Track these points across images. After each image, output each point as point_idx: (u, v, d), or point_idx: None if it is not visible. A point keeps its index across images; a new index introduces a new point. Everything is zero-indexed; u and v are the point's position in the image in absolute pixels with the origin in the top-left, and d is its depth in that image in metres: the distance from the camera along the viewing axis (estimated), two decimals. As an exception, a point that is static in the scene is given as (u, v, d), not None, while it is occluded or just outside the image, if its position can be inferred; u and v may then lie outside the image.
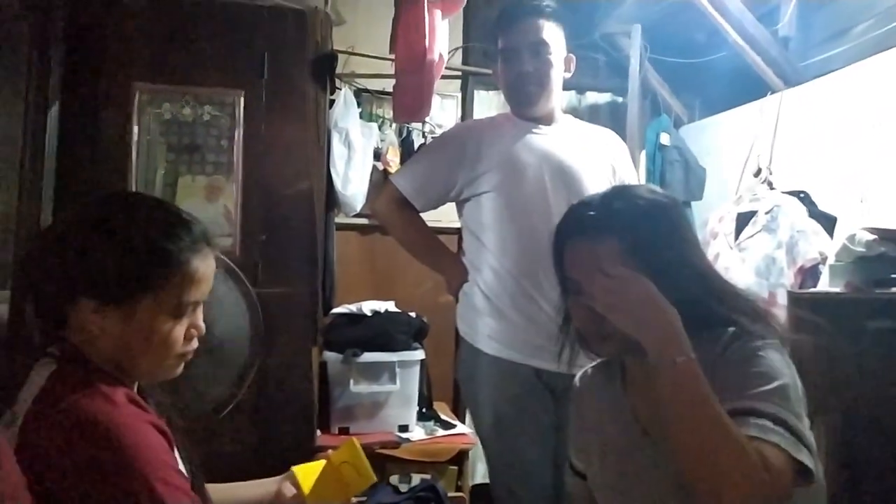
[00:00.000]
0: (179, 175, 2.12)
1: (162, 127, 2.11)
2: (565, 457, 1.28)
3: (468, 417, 2.78)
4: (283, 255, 2.14)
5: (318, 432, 2.30)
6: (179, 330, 1.02)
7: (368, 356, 2.35)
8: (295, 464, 1.29)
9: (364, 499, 2.12)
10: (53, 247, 1.01)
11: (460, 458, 2.39)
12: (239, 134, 2.12)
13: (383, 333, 2.40)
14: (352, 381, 2.34)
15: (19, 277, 0.97)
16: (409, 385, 2.41)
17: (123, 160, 2.06)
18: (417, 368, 2.43)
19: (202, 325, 1.06)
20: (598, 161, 1.79)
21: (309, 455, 1.36)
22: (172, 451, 0.99)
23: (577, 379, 1.26)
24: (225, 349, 1.98)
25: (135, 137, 2.08)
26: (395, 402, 2.40)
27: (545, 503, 1.63)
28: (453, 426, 2.51)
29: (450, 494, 2.25)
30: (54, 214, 1.99)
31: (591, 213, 1.07)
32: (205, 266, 1.04)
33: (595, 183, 1.70)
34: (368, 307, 2.49)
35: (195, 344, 1.06)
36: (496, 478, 1.76)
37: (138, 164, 2.08)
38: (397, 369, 2.38)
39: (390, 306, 2.55)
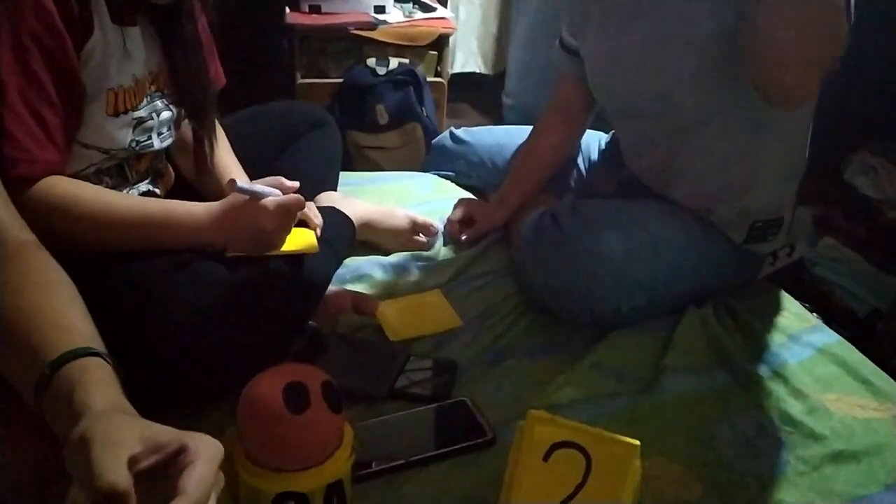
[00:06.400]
0: None
1: None
2: None
3: (450, 1, 2.60)
4: None
5: (288, 9, 2.14)
6: None
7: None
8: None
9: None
10: None
11: (440, 43, 2.27)
12: None
13: None
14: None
15: None
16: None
17: None
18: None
19: None
20: None
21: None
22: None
23: None
24: None
25: None
26: (371, -20, 2.17)
27: None
28: (433, 9, 2.33)
29: (429, 80, 2.19)
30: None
31: None
32: None
33: None
34: None
35: None
36: None
37: None
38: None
39: None
